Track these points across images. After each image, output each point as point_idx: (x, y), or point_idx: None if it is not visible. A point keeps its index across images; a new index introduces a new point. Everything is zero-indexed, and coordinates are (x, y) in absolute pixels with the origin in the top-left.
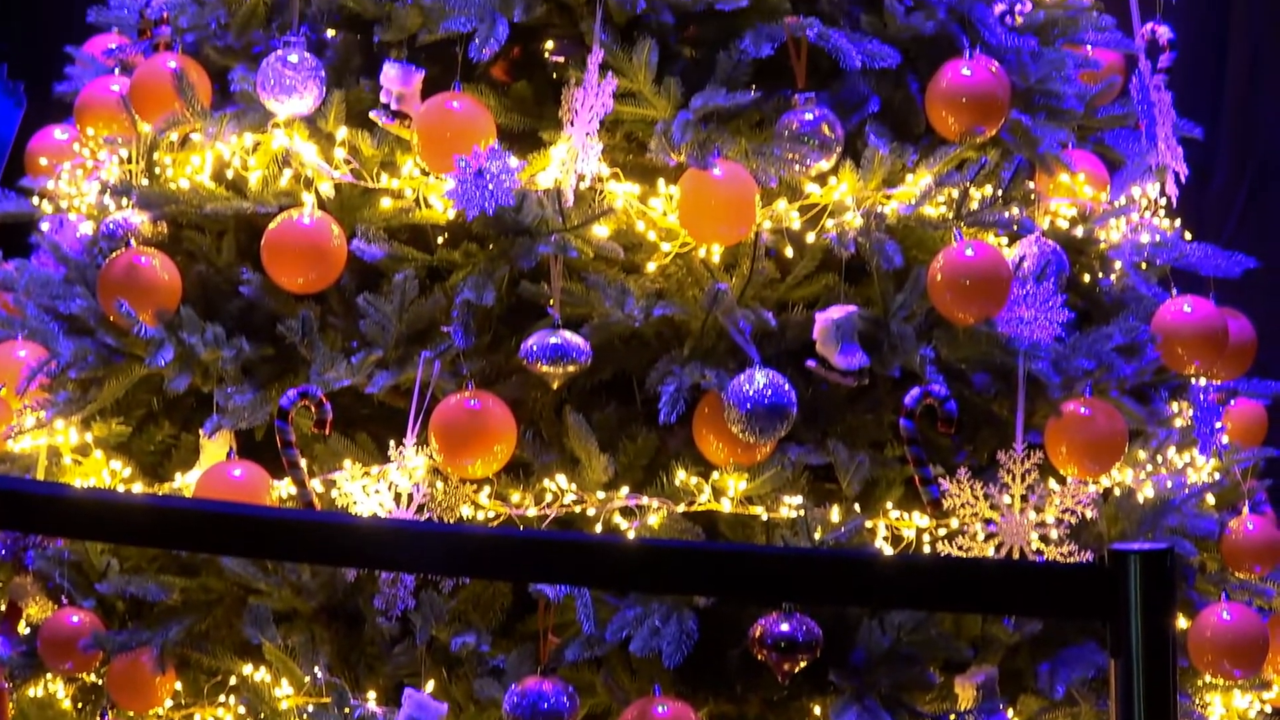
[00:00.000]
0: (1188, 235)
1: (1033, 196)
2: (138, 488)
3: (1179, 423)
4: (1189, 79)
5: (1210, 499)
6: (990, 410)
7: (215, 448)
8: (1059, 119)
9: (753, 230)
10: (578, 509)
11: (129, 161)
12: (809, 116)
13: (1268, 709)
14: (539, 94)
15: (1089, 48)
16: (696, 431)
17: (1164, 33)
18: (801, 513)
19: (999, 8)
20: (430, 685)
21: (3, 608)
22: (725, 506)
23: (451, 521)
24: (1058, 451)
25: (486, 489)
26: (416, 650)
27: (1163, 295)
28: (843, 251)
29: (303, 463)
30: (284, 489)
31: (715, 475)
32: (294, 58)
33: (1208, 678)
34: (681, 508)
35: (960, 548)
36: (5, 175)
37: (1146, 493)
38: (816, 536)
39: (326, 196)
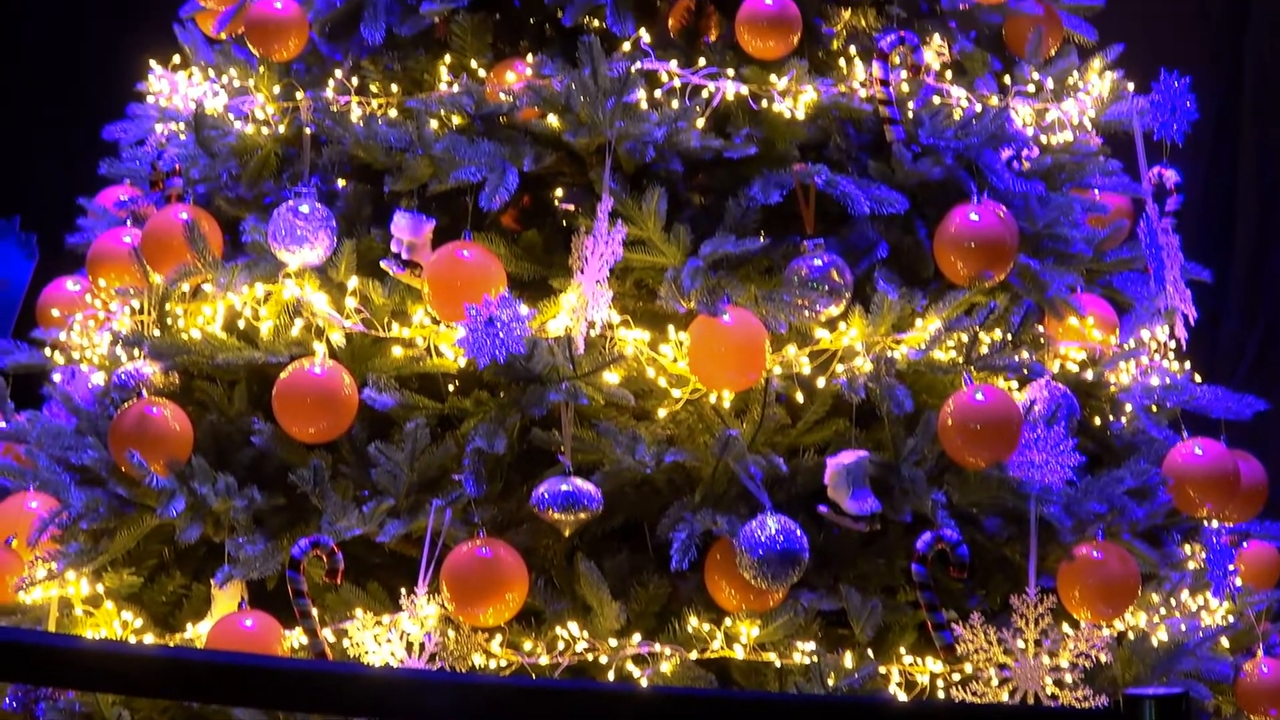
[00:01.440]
0: (1198, 377)
1: (1042, 340)
2: (149, 639)
3: (1192, 565)
4: (1199, 222)
5: (1224, 642)
6: (1002, 554)
7: (227, 598)
8: (1067, 263)
9: (763, 376)
10: (590, 657)
11: (140, 312)
12: (818, 262)
13: None
14: (549, 242)
15: (1096, 191)
16: (708, 578)
17: (1171, 176)
18: (815, 659)
19: (1006, 153)
20: None
21: None
22: (738, 653)
23: (464, 670)
24: (1071, 595)
25: (498, 637)
26: None
27: (1174, 438)
28: (853, 396)
29: (314, 612)
30: (296, 639)
31: (728, 622)
32: (305, 208)
33: None
34: (694, 655)
35: (974, 693)
36: (17, 327)
37: (1160, 636)
38: (830, 683)
39: (338, 346)
